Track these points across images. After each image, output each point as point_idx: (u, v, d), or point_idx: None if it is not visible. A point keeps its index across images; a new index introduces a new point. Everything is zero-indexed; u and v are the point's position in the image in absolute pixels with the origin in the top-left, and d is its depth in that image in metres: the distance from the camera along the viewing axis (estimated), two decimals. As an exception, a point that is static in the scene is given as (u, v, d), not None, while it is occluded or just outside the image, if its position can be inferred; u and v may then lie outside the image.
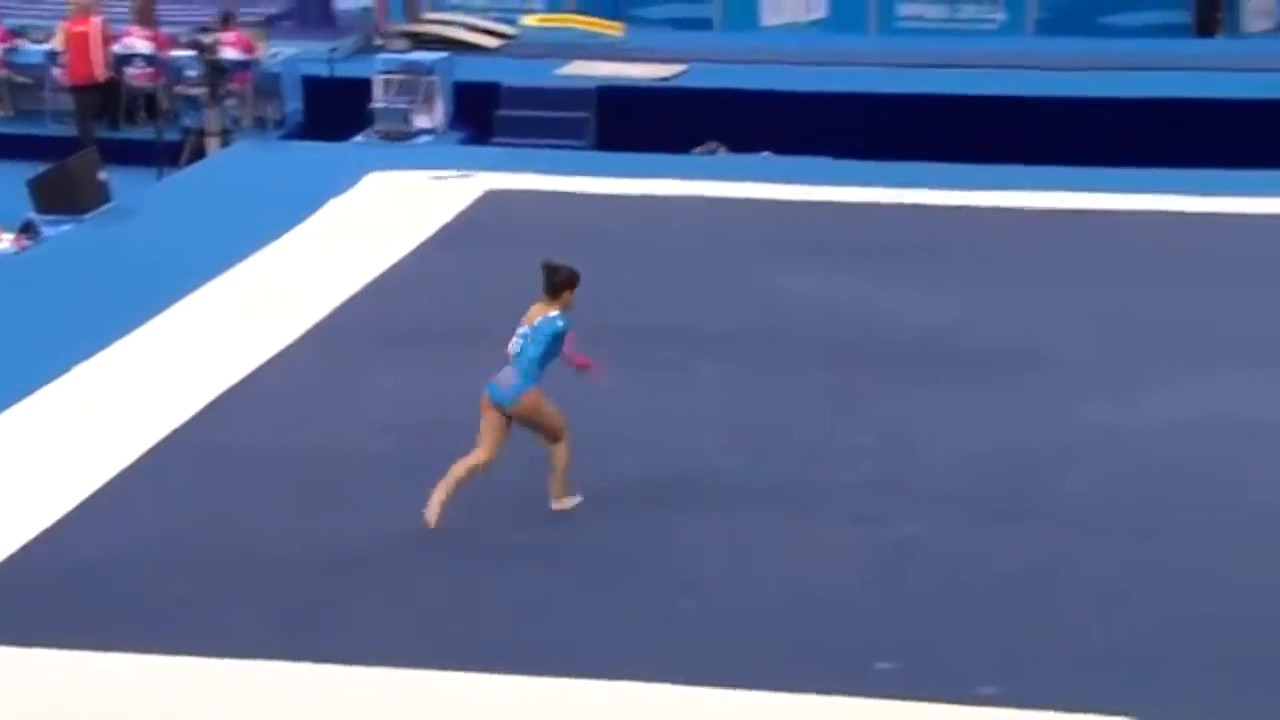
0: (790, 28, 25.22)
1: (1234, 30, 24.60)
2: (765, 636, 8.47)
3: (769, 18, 25.41)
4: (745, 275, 13.99)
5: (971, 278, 13.88)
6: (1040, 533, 9.52)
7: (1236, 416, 10.99)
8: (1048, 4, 24.94)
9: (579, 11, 24.79)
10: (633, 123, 20.47)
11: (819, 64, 22.16)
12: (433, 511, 9.40)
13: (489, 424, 9.42)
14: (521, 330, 9.49)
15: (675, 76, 21.73)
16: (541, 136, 20.01)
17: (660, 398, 11.39)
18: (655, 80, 21.55)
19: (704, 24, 25.45)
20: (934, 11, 25.19)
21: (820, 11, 25.35)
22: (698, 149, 19.73)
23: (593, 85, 21.18)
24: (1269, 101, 19.93)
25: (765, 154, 19.17)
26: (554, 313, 9.44)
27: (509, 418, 9.44)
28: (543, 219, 15.69)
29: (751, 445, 10.55)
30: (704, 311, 12.93)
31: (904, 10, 25.24)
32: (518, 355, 9.44)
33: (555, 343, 9.40)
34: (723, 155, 19.66)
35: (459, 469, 9.45)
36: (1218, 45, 23.89)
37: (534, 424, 9.51)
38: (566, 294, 9.47)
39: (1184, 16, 24.70)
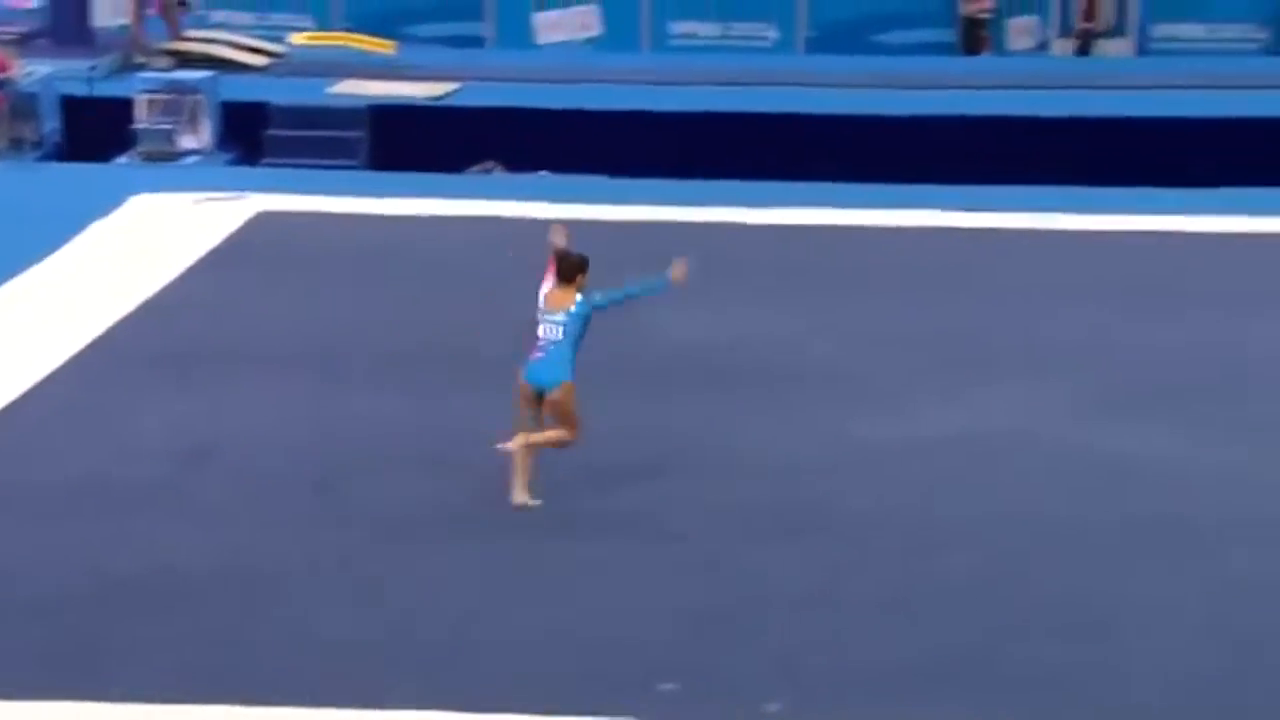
0: (565, 45, 25.33)
1: (999, 48, 25.25)
2: (551, 661, 8.47)
3: (543, 35, 25.49)
4: (524, 296, 13.94)
5: (748, 293, 14.04)
6: (821, 548, 9.64)
7: (1009, 429, 11.25)
8: (818, 22, 25.37)
9: (349, 29, 24.62)
10: (406, 142, 20.38)
11: (594, 81, 22.27)
12: (521, 495, 9.87)
13: (526, 406, 9.90)
14: (556, 317, 9.96)
15: (449, 95, 21.68)
16: (313, 156, 19.81)
17: (440, 420, 11.34)
18: (429, 99, 21.48)
19: (477, 42, 25.44)
20: (707, 29, 25.48)
21: (594, 29, 25.49)
22: (473, 168, 19.70)
23: (364, 104, 21.05)
24: (1033, 118, 20.48)
25: (542, 173, 19.21)
26: (579, 297, 9.95)
27: (540, 397, 9.88)
28: (316, 241, 15.55)
29: (535, 467, 10.54)
30: (482, 334, 12.89)
31: (677, 28, 25.48)
32: (558, 342, 9.88)
33: (586, 325, 9.94)
34: (499, 174, 19.66)
35: (523, 454, 9.88)
36: (984, 63, 24.50)
37: (557, 413, 9.90)
38: (580, 278, 10.01)
39: (951, 35, 25.29)
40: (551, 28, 25.48)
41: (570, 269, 10.02)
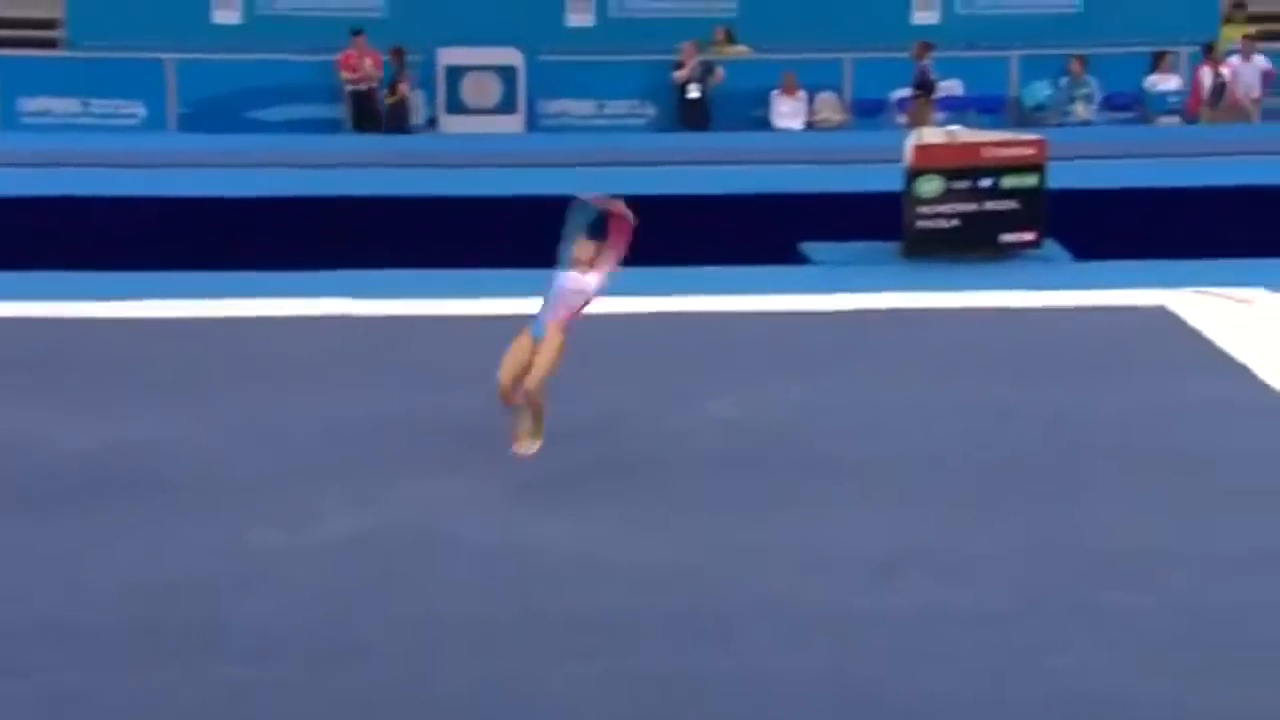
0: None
1: (398, 125, 25.47)
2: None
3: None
4: None
5: (128, 393, 13.62)
6: (217, 667, 9.37)
7: (417, 526, 11.22)
8: (189, 98, 25.03)
9: None
10: None
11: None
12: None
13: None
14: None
15: None
16: None
17: None
18: None
19: None
20: (63, 105, 24.78)
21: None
22: None
23: None
24: (423, 198, 20.69)
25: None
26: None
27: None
28: None
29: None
30: None
31: (29, 105, 24.69)
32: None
33: None
34: None
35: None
36: (379, 141, 24.67)
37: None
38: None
39: (338, 111, 25.38)
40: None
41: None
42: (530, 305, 15.97)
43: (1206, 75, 26.27)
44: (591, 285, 12.20)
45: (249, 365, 14.52)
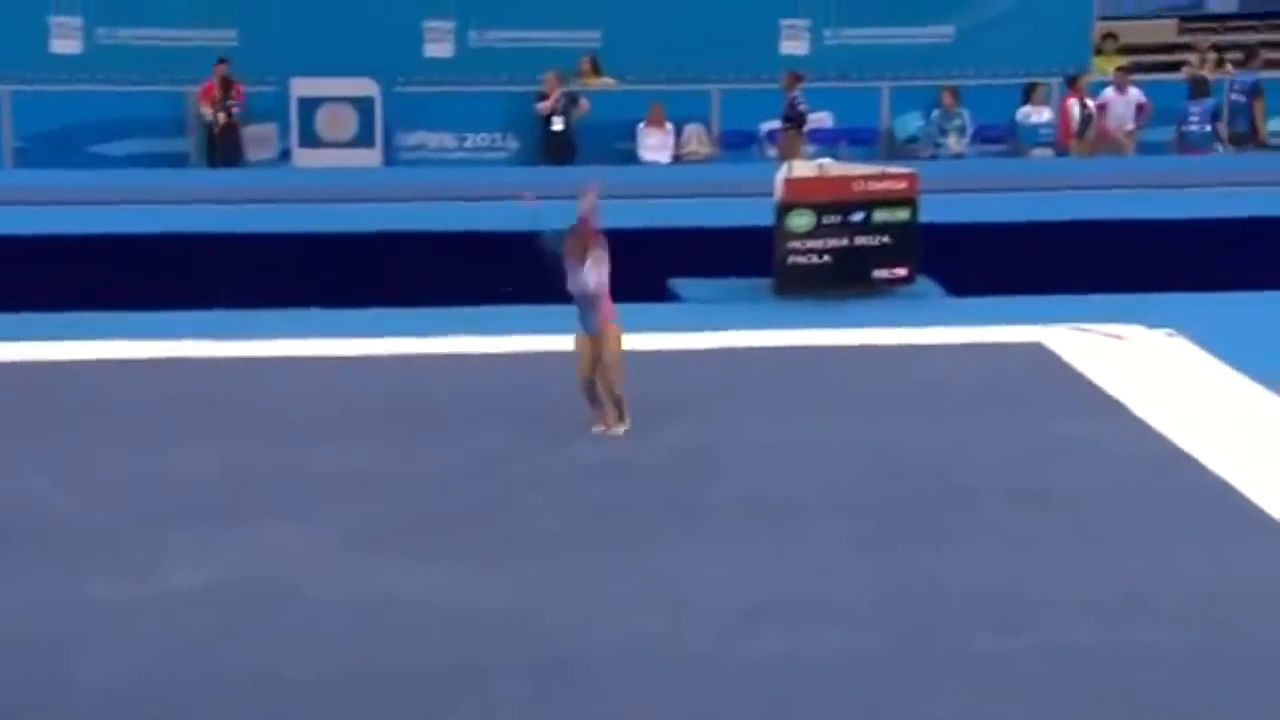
0: None
1: (231, 157, 25.32)
2: None
3: None
4: None
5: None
6: (56, 729, 9.27)
7: (268, 578, 11.12)
8: (26, 132, 24.78)
9: None
10: None
11: None
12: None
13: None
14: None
15: None
16: None
17: None
18: None
19: None
20: None
21: None
22: None
23: None
24: (274, 235, 20.59)
25: None
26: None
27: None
28: None
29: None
30: None
31: None
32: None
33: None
34: None
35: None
36: (228, 176, 24.51)
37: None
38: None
39: (185, 144, 25.18)
40: None
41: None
42: (384, 346, 16.01)
43: (1074, 107, 26.66)
44: (592, 278, 13.52)
45: (90, 411, 14.37)
